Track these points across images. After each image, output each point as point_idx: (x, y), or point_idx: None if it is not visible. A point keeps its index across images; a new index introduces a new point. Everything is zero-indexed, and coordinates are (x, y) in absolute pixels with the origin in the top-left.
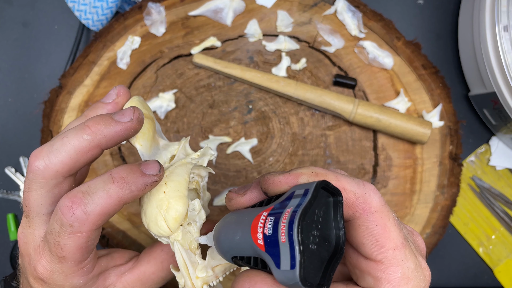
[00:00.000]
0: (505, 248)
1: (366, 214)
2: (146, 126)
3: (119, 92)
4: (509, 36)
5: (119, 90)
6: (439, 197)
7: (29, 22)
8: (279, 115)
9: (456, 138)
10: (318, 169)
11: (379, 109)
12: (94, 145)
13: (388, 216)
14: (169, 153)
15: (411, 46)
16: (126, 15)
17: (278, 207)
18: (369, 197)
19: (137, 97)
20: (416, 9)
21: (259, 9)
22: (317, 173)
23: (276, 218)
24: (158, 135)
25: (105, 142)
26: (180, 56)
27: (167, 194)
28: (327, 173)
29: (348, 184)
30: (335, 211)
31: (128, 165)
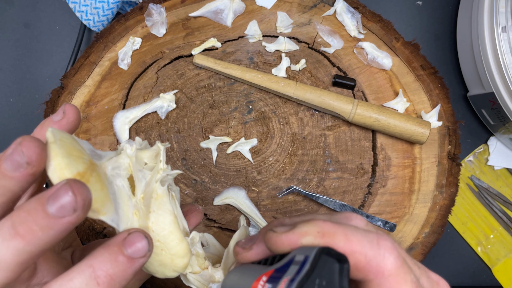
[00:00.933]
0: (503, 247)
1: (378, 278)
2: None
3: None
4: (507, 36)
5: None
6: (437, 197)
7: (30, 23)
8: (279, 115)
9: (455, 138)
10: (326, 227)
11: (378, 109)
12: (36, 254)
13: (405, 279)
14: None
15: (410, 47)
16: (127, 16)
17: (277, 273)
18: (383, 259)
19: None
20: (415, 10)
21: (259, 10)
22: (324, 233)
23: (273, 286)
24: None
25: (49, 245)
26: (180, 57)
27: (165, 251)
28: (335, 232)
29: (359, 244)
30: (340, 280)
31: (109, 251)
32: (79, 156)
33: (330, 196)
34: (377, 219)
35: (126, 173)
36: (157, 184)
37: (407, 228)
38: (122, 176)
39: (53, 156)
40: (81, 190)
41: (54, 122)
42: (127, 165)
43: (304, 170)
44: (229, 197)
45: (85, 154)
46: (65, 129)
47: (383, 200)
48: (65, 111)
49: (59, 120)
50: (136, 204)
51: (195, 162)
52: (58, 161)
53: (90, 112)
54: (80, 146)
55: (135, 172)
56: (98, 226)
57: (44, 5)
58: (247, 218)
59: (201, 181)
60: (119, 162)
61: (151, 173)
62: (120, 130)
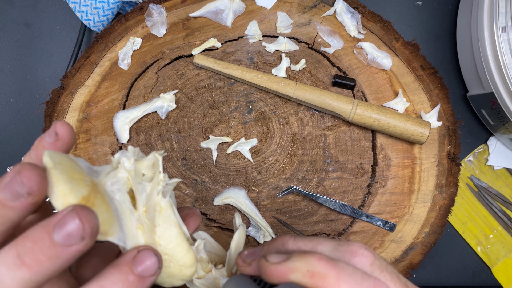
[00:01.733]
0: (503, 247)
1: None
2: (101, 205)
3: (59, 132)
4: (507, 37)
5: (58, 129)
6: (437, 197)
7: (31, 23)
8: (279, 115)
9: (455, 138)
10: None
11: (378, 110)
12: (43, 282)
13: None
14: (124, 193)
15: (410, 47)
16: (127, 16)
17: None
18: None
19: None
20: (414, 10)
21: (259, 10)
22: (314, 273)
23: None
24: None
25: (57, 273)
26: (180, 57)
27: (173, 263)
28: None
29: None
30: None
31: (119, 272)
32: (81, 178)
33: (330, 196)
34: (377, 219)
35: (126, 187)
36: (159, 197)
37: (407, 228)
38: (122, 191)
39: (55, 182)
40: (88, 217)
41: (48, 144)
42: (126, 179)
43: (304, 170)
44: (229, 197)
45: (86, 175)
46: (60, 150)
47: (383, 200)
48: (57, 133)
49: (53, 142)
50: (139, 218)
51: (195, 162)
52: (61, 187)
53: (91, 112)
54: (79, 167)
55: (135, 186)
56: None
57: (44, 5)
58: (243, 215)
59: (201, 181)
60: (117, 177)
61: (151, 185)
62: (121, 130)
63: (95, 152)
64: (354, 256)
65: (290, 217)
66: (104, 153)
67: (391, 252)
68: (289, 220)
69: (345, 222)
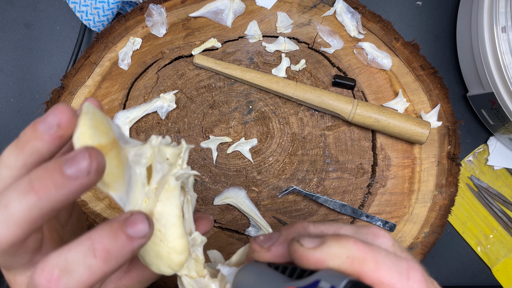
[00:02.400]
0: (503, 247)
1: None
2: (113, 159)
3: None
4: (507, 37)
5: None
6: (437, 197)
7: (31, 23)
8: (279, 115)
9: (454, 138)
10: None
11: (377, 110)
12: (46, 212)
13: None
14: (143, 166)
15: (410, 47)
16: (127, 16)
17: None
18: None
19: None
20: (414, 10)
21: (259, 10)
22: (354, 258)
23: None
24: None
25: (59, 205)
26: (181, 57)
27: (164, 243)
28: (365, 258)
29: (389, 274)
30: None
31: (110, 227)
32: (105, 131)
33: (330, 196)
34: (377, 219)
35: (146, 162)
36: (171, 177)
37: (407, 228)
38: (142, 164)
39: (81, 124)
40: (97, 156)
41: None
42: (149, 155)
43: (304, 170)
44: (229, 197)
45: (112, 132)
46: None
47: (383, 200)
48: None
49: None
50: (149, 192)
51: (195, 162)
52: (84, 130)
53: None
54: (109, 125)
55: (155, 164)
56: None
57: (44, 5)
58: (243, 215)
59: (201, 181)
60: (142, 151)
61: (169, 167)
62: None
63: None
64: (377, 237)
65: (290, 217)
66: None
67: None
68: (289, 220)
69: (345, 222)
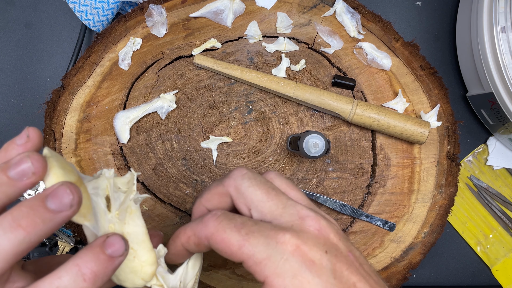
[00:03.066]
0: (502, 247)
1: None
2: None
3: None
4: (506, 37)
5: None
6: (437, 197)
7: (31, 23)
8: (278, 116)
9: (454, 138)
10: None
11: (377, 110)
12: (33, 245)
13: (223, 229)
14: (102, 198)
15: (409, 47)
16: (127, 16)
17: None
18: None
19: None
20: (414, 10)
21: (259, 10)
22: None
23: None
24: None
25: (45, 237)
26: (181, 57)
27: (137, 258)
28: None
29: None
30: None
31: (92, 252)
32: (71, 170)
33: (329, 196)
34: (377, 219)
35: (104, 193)
36: (131, 202)
37: (407, 227)
38: (100, 196)
39: (51, 167)
40: (76, 190)
41: (18, 145)
42: (105, 186)
43: (304, 170)
44: None
45: (74, 170)
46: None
47: (382, 200)
48: (29, 135)
49: (23, 143)
50: (112, 219)
51: (196, 162)
52: (55, 171)
53: (91, 112)
54: (70, 165)
55: (111, 193)
56: None
57: (45, 5)
58: None
59: (201, 181)
60: (98, 183)
61: (124, 195)
62: (121, 130)
63: (95, 152)
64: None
65: None
66: (104, 153)
67: (390, 252)
68: None
69: (344, 222)
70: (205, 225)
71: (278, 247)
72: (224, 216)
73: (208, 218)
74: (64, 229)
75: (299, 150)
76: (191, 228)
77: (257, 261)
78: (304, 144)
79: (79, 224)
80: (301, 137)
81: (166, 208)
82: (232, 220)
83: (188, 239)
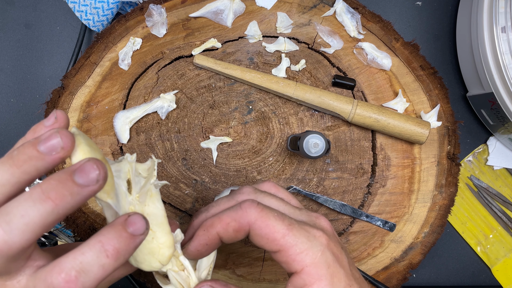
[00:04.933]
0: (502, 247)
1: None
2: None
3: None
4: (506, 37)
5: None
6: (437, 197)
7: (31, 23)
8: (278, 116)
9: (454, 138)
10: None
11: (377, 110)
12: (60, 218)
13: (267, 216)
14: (124, 180)
15: (410, 47)
16: (127, 16)
17: None
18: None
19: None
20: (414, 10)
21: (259, 10)
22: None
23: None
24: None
25: (72, 210)
26: (181, 57)
27: (156, 240)
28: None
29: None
30: None
31: (114, 229)
32: (97, 149)
33: (330, 196)
34: (377, 219)
35: (125, 176)
36: (152, 186)
37: (407, 227)
38: (122, 178)
39: (78, 144)
40: (103, 166)
41: (46, 126)
42: (127, 169)
43: (304, 170)
44: None
45: (100, 150)
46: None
47: (382, 200)
48: (56, 117)
49: (51, 124)
50: (132, 201)
51: (196, 162)
52: (83, 147)
53: (91, 112)
54: (96, 145)
55: (133, 176)
56: (99, 226)
57: (44, 5)
58: None
59: (201, 181)
60: (120, 167)
61: (145, 180)
62: (121, 130)
63: None
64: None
65: None
66: (104, 153)
67: (391, 252)
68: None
69: (345, 222)
70: (245, 211)
71: (316, 240)
72: (262, 205)
73: (247, 205)
74: (64, 229)
75: (299, 150)
76: (229, 215)
77: (298, 251)
78: (304, 144)
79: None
80: (301, 137)
81: (166, 208)
82: (272, 210)
83: (226, 226)
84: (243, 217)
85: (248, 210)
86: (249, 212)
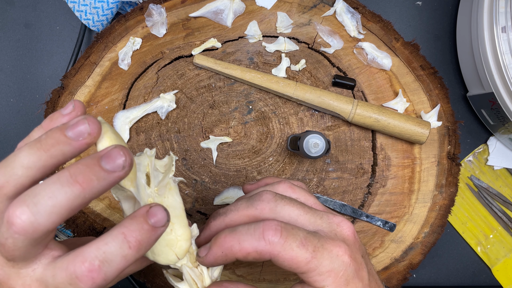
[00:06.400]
0: (503, 247)
1: (274, 257)
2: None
3: (76, 105)
4: (507, 37)
5: (76, 103)
6: (437, 197)
7: (31, 23)
8: (278, 116)
9: (454, 138)
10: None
11: (377, 110)
12: (87, 202)
13: (291, 247)
14: (143, 173)
15: (410, 47)
16: (127, 16)
17: None
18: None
19: (105, 124)
20: (414, 10)
21: (259, 10)
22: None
23: None
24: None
25: (98, 195)
26: (181, 57)
27: (174, 232)
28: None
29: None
30: None
31: (137, 220)
32: (121, 139)
33: (330, 196)
34: (377, 219)
35: (145, 169)
36: (171, 180)
37: (407, 228)
38: (141, 171)
39: (105, 131)
40: (129, 153)
41: (63, 115)
42: (146, 163)
43: (304, 170)
44: (229, 197)
45: (124, 140)
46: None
47: (382, 200)
48: (74, 106)
49: (69, 113)
50: (151, 193)
51: (195, 162)
52: (109, 135)
53: (91, 112)
54: (120, 134)
55: (152, 170)
56: (99, 226)
57: (44, 5)
58: None
59: (201, 181)
60: (140, 160)
61: (163, 174)
62: (121, 130)
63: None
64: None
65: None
66: None
67: (391, 252)
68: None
69: None
70: (269, 243)
71: (339, 260)
72: (286, 231)
73: (271, 234)
74: (64, 229)
75: (299, 150)
76: (251, 245)
77: (320, 273)
78: (304, 144)
79: (126, 188)
80: (301, 137)
81: None
82: (295, 235)
83: (247, 255)
84: (266, 249)
85: (271, 241)
86: (273, 244)
